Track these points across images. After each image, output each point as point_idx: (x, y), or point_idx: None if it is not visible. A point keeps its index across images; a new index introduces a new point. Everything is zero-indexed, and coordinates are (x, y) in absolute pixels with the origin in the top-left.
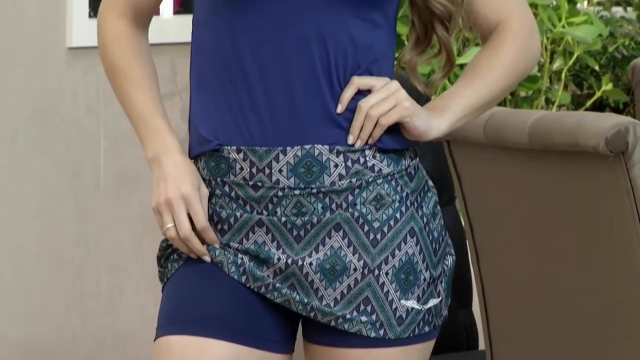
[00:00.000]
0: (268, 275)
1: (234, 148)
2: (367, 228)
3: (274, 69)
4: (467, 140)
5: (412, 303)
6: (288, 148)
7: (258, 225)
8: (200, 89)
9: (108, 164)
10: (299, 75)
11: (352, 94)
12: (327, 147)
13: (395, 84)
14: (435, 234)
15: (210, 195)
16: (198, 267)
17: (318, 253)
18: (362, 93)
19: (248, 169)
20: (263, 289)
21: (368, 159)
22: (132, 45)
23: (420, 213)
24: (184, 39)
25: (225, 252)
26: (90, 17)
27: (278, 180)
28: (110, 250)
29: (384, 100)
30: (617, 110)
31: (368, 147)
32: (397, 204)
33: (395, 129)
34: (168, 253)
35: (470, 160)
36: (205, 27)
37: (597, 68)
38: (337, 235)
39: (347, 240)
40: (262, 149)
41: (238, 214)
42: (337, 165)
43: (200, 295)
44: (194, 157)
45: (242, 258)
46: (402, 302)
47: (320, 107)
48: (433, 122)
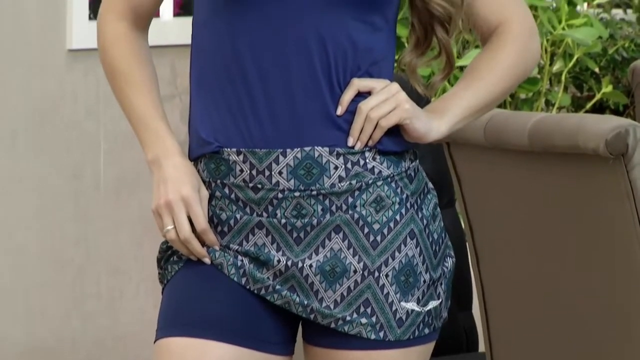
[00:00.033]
0: (268, 277)
1: (234, 150)
2: (367, 230)
3: (274, 71)
4: (467, 142)
5: (412, 305)
6: (288, 150)
7: (258, 227)
8: (200, 91)
9: (108, 166)
10: (299, 77)
11: (352, 96)
12: (327, 149)
13: (395, 86)
14: (435, 236)
15: (210, 197)
16: (198, 269)
17: (318, 255)
18: (362, 95)
19: (248, 171)
20: (263, 291)
21: (368, 161)
22: (132, 48)
23: (420, 215)
24: (184, 41)
25: (225, 254)
26: (90, 19)
27: (278, 182)
28: (110, 253)
29: (384, 103)
30: (617, 113)
31: (368, 149)
32: (397, 206)
33: (395, 131)
34: (168, 255)
35: (470, 163)
36: (205, 28)
37: (597, 70)
38: (337, 237)
39: (347, 242)
40: (262, 151)
41: (238, 216)
42: (337, 167)
43: (200, 297)
44: (194, 159)
45: (242, 260)
46: (402, 304)
47: (320, 109)
48: (433, 124)
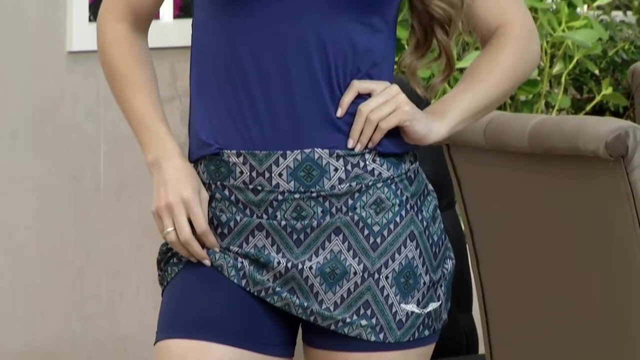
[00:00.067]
0: (268, 279)
1: (234, 152)
2: (367, 232)
3: (274, 73)
4: (467, 144)
5: (412, 307)
6: (288, 152)
7: (258, 229)
8: (200, 93)
9: (108, 168)
10: (299, 79)
11: (352, 98)
12: (327, 151)
13: (395, 88)
14: (435, 238)
15: (210, 199)
16: (198, 271)
17: (318, 257)
18: (362, 97)
19: (248, 173)
20: (263, 293)
21: (368, 163)
22: (131, 49)
23: (420, 217)
24: (184, 43)
25: (225, 256)
26: (90, 21)
27: (278, 184)
28: (110, 255)
29: (384, 104)
30: (617, 114)
31: (368, 151)
32: (396, 208)
33: (395, 133)
34: (168, 257)
35: (470, 164)
36: (205, 30)
37: (597, 72)
38: (337, 239)
39: (347, 244)
40: (262, 153)
41: (238, 218)
42: (337, 169)
43: (200, 299)
44: (194, 160)
45: (242, 262)
46: (402, 305)
47: (320, 110)
48: (433, 126)
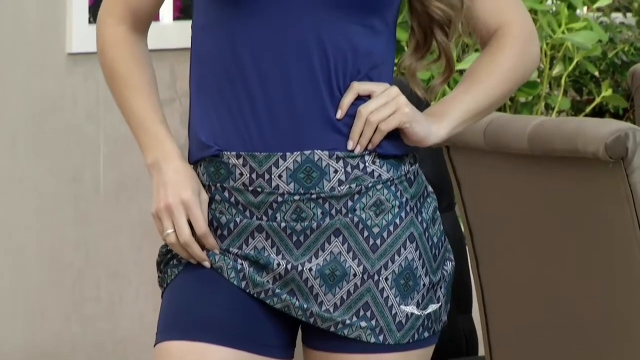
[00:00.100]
0: (268, 281)
1: (234, 154)
2: (367, 234)
3: (274, 75)
4: (467, 146)
5: (411, 309)
6: (288, 154)
7: (258, 231)
8: (200, 94)
9: (108, 170)
10: (299, 81)
11: (352, 100)
12: (327, 153)
13: (395, 90)
14: (435, 240)
15: (210, 201)
16: (198, 272)
17: (318, 259)
18: (362, 99)
19: (248, 175)
20: (263, 295)
21: (368, 165)
22: (131, 51)
23: (420, 219)
24: (184, 45)
25: (225, 257)
26: (90, 23)
27: (278, 186)
28: (110, 257)
29: (384, 106)
30: (617, 117)
31: (368, 153)
32: (396, 210)
33: (395, 135)
34: (168, 259)
35: (470, 166)
36: (205, 32)
37: (597, 74)
38: (337, 241)
39: (347, 246)
40: (262, 155)
41: (238, 220)
42: (337, 171)
43: (200, 301)
44: (194, 162)
45: (242, 264)
46: (402, 307)
47: (320, 112)
48: (433, 128)
